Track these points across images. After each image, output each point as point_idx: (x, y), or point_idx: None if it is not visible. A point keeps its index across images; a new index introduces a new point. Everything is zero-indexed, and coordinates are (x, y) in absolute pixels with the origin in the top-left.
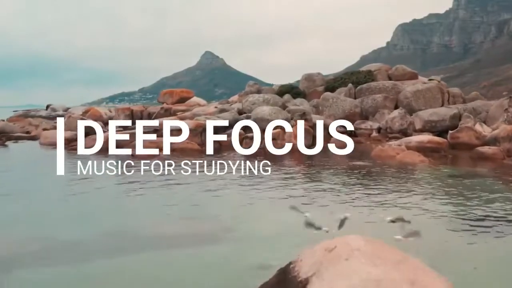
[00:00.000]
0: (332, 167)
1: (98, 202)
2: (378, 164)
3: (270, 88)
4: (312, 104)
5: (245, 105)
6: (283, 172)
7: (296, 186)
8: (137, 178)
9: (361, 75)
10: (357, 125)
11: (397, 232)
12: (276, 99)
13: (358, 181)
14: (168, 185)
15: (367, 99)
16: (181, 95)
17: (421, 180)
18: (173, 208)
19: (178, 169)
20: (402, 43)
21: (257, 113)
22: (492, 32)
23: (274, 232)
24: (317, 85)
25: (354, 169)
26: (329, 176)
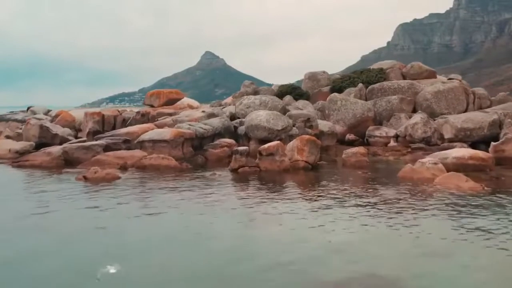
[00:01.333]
0: (348, 198)
1: None
2: (412, 193)
3: (268, 89)
4: (317, 107)
5: (238, 108)
6: (280, 208)
7: (300, 244)
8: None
9: (372, 74)
10: (370, 132)
11: None
12: (275, 102)
13: (395, 231)
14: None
15: (380, 101)
16: (169, 97)
17: (494, 232)
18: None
19: (133, 200)
20: (403, 43)
21: (251, 119)
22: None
23: None
24: (322, 85)
25: (380, 202)
26: (346, 219)
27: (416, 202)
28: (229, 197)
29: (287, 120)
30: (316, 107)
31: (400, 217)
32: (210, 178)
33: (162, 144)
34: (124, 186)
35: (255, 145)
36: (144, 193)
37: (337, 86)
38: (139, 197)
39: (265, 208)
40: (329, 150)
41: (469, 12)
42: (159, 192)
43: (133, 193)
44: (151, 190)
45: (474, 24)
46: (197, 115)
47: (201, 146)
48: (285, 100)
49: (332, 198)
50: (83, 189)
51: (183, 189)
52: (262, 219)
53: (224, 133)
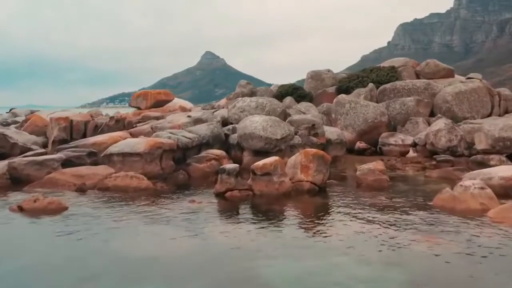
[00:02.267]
0: (370, 237)
1: None
2: (467, 240)
3: (267, 89)
4: (322, 110)
5: (231, 112)
6: (272, 253)
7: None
8: None
9: (383, 72)
10: (384, 139)
11: None
12: (274, 105)
13: None
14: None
15: (393, 103)
16: (158, 98)
17: None
18: None
19: (64, 260)
20: (403, 43)
21: (245, 126)
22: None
23: None
24: (327, 85)
25: (424, 260)
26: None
27: (485, 266)
28: (206, 244)
29: (287, 127)
30: (320, 110)
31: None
32: (186, 208)
33: (134, 158)
34: (69, 222)
35: (250, 158)
36: (88, 239)
37: (344, 86)
38: (77, 247)
39: (255, 268)
40: (337, 161)
41: (469, 11)
42: (108, 236)
43: (71, 241)
44: (98, 234)
45: (474, 24)
46: (182, 120)
47: (185, 159)
48: (285, 102)
49: (351, 247)
50: (10, 228)
51: (145, 230)
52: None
53: (213, 143)
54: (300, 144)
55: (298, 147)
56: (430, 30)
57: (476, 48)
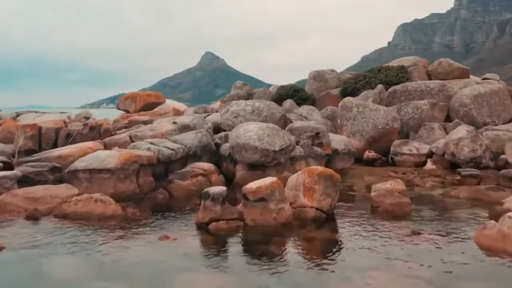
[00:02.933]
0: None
1: None
2: None
3: (265, 91)
4: (326, 115)
5: (223, 118)
6: None
7: None
8: None
9: (392, 73)
10: (396, 148)
11: None
12: (273, 109)
13: None
14: None
15: (406, 107)
16: (147, 101)
17: None
18: None
19: None
20: (404, 43)
21: (237, 135)
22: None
23: None
24: (331, 87)
25: None
26: None
27: None
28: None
29: (287, 136)
30: (324, 114)
31: None
32: (154, 248)
33: (104, 175)
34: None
35: (244, 172)
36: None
37: (350, 88)
38: None
39: None
40: (345, 174)
41: (470, 12)
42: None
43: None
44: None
45: (475, 24)
46: (166, 127)
47: (168, 173)
48: (285, 105)
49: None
50: None
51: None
52: None
53: (202, 154)
54: (302, 156)
55: (300, 159)
56: (431, 30)
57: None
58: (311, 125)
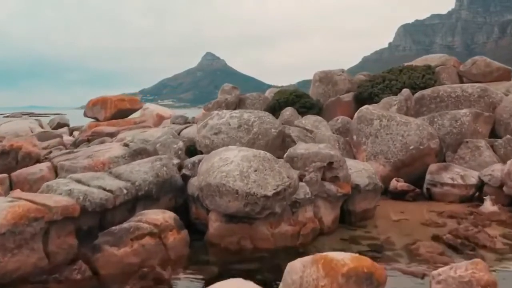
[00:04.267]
0: None
1: None
2: None
3: (259, 96)
4: (336, 127)
5: (200, 135)
6: None
7: None
8: None
9: (417, 73)
10: (434, 176)
11: None
12: (267, 123)
13: None
14: None
15: (440, 119)
16: (120, 106)
17: None
18: None
19: None
20: (404, 44)
21: (209, 169)
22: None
23: None
24: (341, 91)
25: None
26: None
27: None
28: None
29: (286, 171)
30: (334, 126)
31: None
32: None
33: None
34: None
35: (220, 225)
36: None
37: (366, 93)
38: None
39: None
40: (367, 218)
41: (471, 12)
42: None
43: None
44: None
45: (476, 25)
46: (112, 153)
47: (103, 227)
48: (284, 116)
49: None
50: None
51: None
52: None
53: (160, 194)
54: (309, 199)
55: (305, 203)
56: (431, 31)
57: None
58: (321, 151)
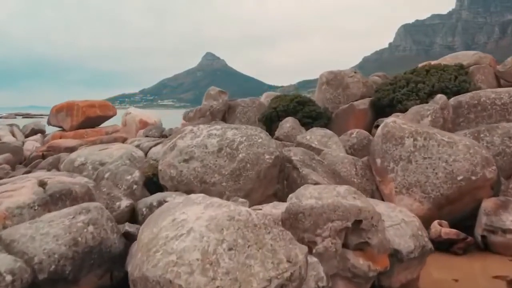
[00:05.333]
0: None
1: None
2: None
3: (254, 102)
4: (350, 144)
5: (164, 162)
6: None
7: None
8: None
9: (448, 75)
10: (491, 218)
11: None
12: (258, 145)
13: None
14: None
15: (488, 134)
16: (89, 114)
17: None
18: None
19: None
20: (405, 44)
21: (148, 245)
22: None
23: None
24: (354, 96)
25: None
26: None
27: None
28: None
29: (284, 249)
30: (347, 142)
31: None
32: None
33: None
34: None
35: None
36: None
37: (386, 99)
38: None
39: None
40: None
41: (471, 13)
42: None
43: None
44: None
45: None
46: (18, 198)
47: None
48: (283, 129)
49: None
50: None
51: None
52: None
53: (82, 271)
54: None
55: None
56: (432, 31)
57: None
58: (342, 202)
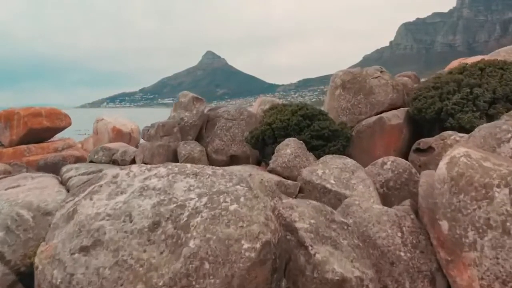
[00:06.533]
0: None
1: None
2: None
3: (242, 113)
4: (382, 180)
5: (44, 255)
6: None
7: None
8: None
9: (510, 75)
10: None
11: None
12: (230, 218)
13: None
14: None
15: None
16: (32, 124)
17: None
18: None
19: None
20: (406, 43)
21: None
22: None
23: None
24: (381, 104)
25: None
26: None
27: None
28: None
29: None
30: (377, 178)
31: None
32: None
33: None
34: None
35: None
36: None
37: (431, 111)
38: None
39: None
40: None
41: (472, 11)
42: None
43: None
44: None
45: (477, 23)
46: None
47: None
48: (281, 157)
49: None
50: None
51: None
52: None
53: None
54: None
55: None
56: (433, 29)
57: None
58: None
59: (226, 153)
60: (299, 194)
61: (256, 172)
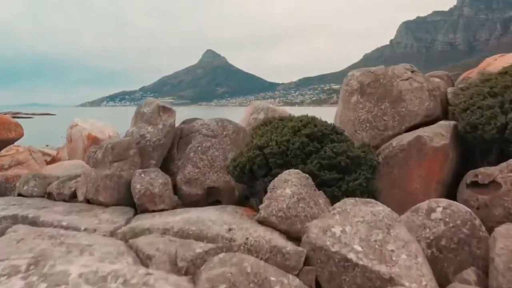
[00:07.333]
0: None
1: None
2: None
3: (225, 127)
4: (427, 236)
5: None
6: None
7: None
8: None
9: None
10: None
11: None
12: None
13: None
14: None
15: None
16: None
17: None
18: None
19: None
20: (406, 41)
21: None
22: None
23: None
24: (414, 116)
25: None
26: None
27: None
28: None
29: None
30: (420, 231)
31: None
32: None
33: None
34: None
35: None
36: None
37: (491, 128)
38: None
39: None
40: None
41: (473, 9)
42: None
43: None
44: None
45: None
46: None
47: None
48: (278, 204)
49: None
50: None
51: None
52: None
53: None
54: None
55: None
56: (433, 28)
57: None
58: None
59: (201, 185)
60: (304, 268)
61: (239, 222)
